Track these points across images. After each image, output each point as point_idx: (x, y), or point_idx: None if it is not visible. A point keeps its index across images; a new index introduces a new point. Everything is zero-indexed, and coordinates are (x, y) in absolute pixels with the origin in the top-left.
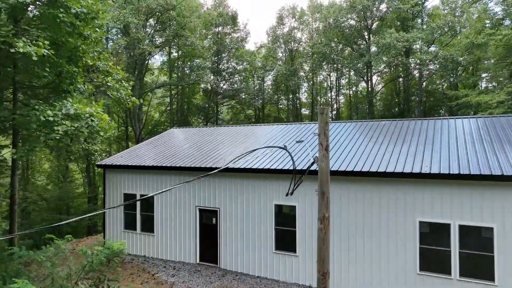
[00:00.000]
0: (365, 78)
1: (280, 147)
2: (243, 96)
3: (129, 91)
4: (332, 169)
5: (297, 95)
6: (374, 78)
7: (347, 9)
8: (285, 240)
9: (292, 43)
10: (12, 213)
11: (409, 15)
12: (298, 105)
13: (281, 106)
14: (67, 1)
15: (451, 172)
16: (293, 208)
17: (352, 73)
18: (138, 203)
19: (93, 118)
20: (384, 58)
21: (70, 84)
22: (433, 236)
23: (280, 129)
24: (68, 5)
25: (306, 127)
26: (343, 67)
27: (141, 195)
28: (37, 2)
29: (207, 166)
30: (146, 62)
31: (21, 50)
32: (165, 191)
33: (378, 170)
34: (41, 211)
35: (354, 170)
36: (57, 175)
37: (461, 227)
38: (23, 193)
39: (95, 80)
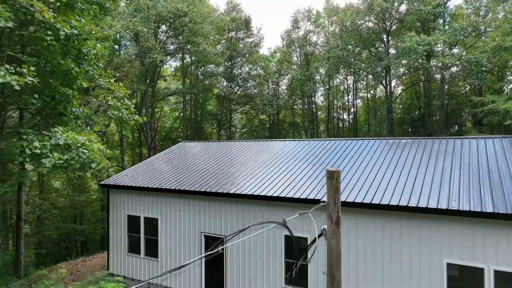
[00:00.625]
0: (383, 82)
1: (279, 223)
2: (257, 102)
3: (132, 109)
4: (344, 200)
5: (313, 98)
6: (393, 82)
7: (364, 12)
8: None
9: (308, 46)
10: (19, 230)
11: (430, 16)
12: (314, 109)
13: (296, 108)
14: (56, 22)
15: (484, 210)
16: (304, 240)
17: (370, 77)
18: (142, 225)
19: (84, 150)
20: (403, 62)
21: (65, 108)
22: (464, 281)
23: (296, 146)
24: (57, 27)
25: (322, 145)
26: (361, 70)
27: (145, 218)
28: (23, 29)
29: (218, 190)
30: (158, 69)
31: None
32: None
33: (400, 204)
34: (54, 220)
35: (372, 202)
36: (71, 181)
37: (497, 273)
38: (36, 201)
39: (94, 99)
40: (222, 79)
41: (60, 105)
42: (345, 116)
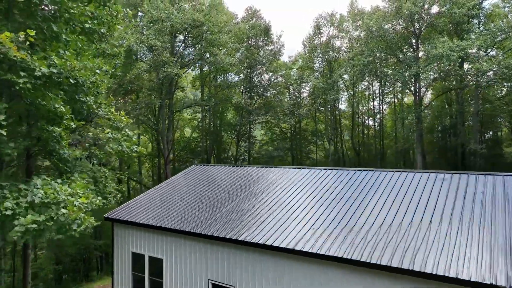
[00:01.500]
0: (412, 90)
1: None
2: (278, 111)
3: (134, 139)
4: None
5: (336, 105)
6: (422, 86)
7: (392, 15)
8: None
9: (331, 52)
10: (26, 258)
11: (464, 18)
12: (337, 116)
13: (318, 115)
14: (32, 61)
15: None
16: None
17: (398, 83)
18: (146, 265)
19: (64, 211)
20: (434, 69)
21: (52, 151)
22: None
23: (322, 176)
24: (32, 67)
25: (354, 177)
26: (387, 77)
27: (150, 257)
28: None
29: (227, 236)
30: (175, 81)
31: None
32: None
33: None
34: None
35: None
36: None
37: None
38: None
39: (89, 134)
40: (241, 90)
41: (48, 146)
42: (370, 122)
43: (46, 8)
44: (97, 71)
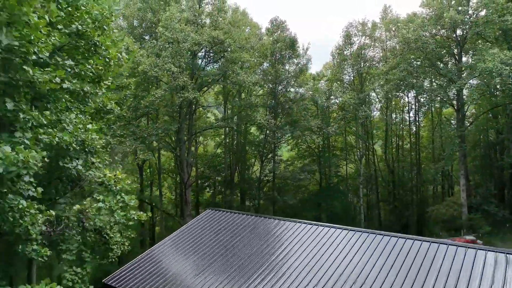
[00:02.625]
0: (454, 106)
1: None
2: (305, 126)
3: (131, 204)
4: None
5: (368, 118)
6: (466, 101)
7: (431, 23)
8: None
9: (362, 63)
10: None
11: None
12: (369, 130)
13: (348, 130)
14: None
15: None
16: None
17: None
18: None
19: None
20: (481, 84)
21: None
22: None
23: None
24: None
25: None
26: (426, 92)
27: None
28: None
29: None
30: (195, 102)
31: None
32: None
33: None
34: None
35: None
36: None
37: None
38: None
39: (74, 208)
40: (266, 111)
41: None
42: (404, 133)
43: None
44: (89, 126)
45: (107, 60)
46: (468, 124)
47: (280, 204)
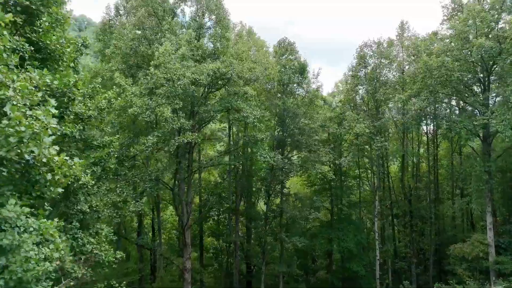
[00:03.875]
0: (481, 137)
1: None
2: (315, 158)
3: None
4: None
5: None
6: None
7: (457, 47)
8: None
9: (377, 85)
10: None
11: None
12: (385, 158)
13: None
14: None
15: None
16: None
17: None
18: None
19: None
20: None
21: None
22: None
23: None
24: None
25: None
26: (449, 123)
27: None
28: None
29: None
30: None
31: None
32: None
33: None
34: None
35: None
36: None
37: None
38: None
39: None
40: (273, 144)
41: None
42: (423, 164)
43: None
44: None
45: None
46: (497, 157)
47: (288, 244)
